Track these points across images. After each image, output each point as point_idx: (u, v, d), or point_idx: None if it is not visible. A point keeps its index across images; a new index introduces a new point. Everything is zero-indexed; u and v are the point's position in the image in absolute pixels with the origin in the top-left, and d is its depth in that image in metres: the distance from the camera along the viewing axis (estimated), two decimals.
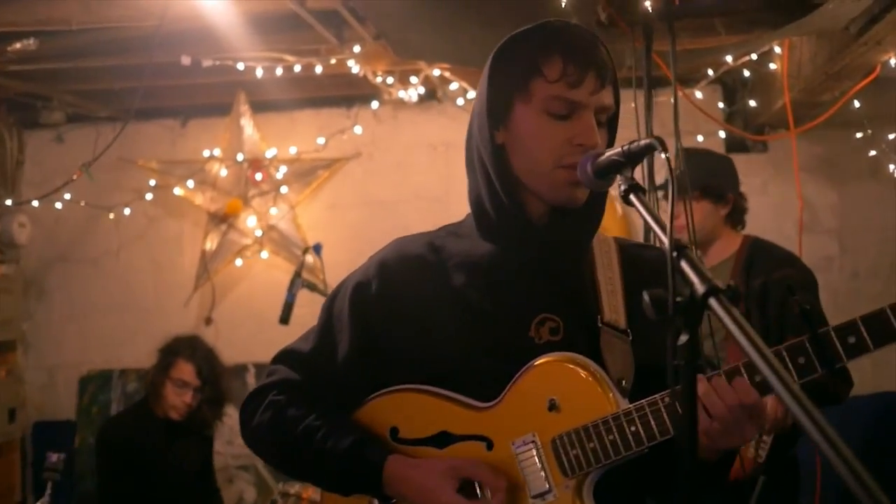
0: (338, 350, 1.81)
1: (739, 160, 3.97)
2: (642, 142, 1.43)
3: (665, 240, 1.29)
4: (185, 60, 4.25)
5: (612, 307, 1.72)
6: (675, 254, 1.28)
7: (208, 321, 5.75)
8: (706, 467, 1.59)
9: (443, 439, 1.72)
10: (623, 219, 4.96)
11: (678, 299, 1.27)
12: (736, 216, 3.58)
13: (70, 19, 3.83)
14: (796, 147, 3.97)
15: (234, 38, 4.06)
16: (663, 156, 1.39)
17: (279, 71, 4.60)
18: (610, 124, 1.71)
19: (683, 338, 1.26)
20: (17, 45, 3.94)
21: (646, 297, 1.26)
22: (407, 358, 1.76)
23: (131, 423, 4.42)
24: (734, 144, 5.38)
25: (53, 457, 3.49)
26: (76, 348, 5.92)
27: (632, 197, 1.43)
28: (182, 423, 4.29)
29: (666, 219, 1.26)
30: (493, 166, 1.69)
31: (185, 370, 4.25)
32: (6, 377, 5.59)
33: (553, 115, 1.64)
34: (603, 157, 1.51)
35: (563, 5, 3.17)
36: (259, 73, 4.59)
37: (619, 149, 1.47)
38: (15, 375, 5.73)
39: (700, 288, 1.23)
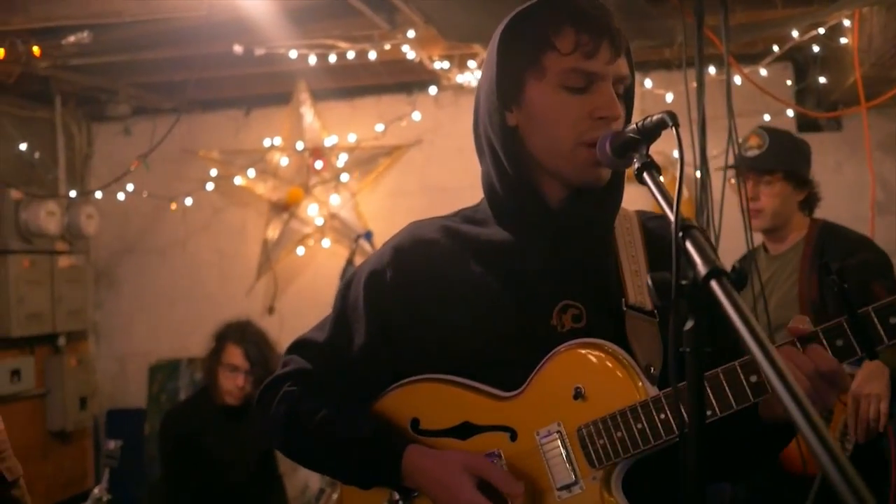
0: (353, 340, 1.76)
1: (812, 139, 3.76)
2: (655, 117, 1.38)
3: (671, 216, 1.22)
4: (238, 49, 4.27)
5: (637, 288, 1.64)
6: (680, 234, 1.21)
7: (271, 310, 5.80)
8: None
9: (465, 430, 1.66)
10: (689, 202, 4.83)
11: (683, 282, 1.20)
12: (811, 202, 3.44)
13: (123, 12, 3.88)
14: (870, 125, 3.80)
15: (285, 26, 4.05)
16: (674, 132, 1.34)
17: (332, 58, 4.58)
18: (626, 96, 1.63)
19: (690, 323, 1.20)
20: (72, 39, 4.01)
21: (648, 281, 1.21)
22: (426, 347, 1.70)
23: (192, 411, 4.47)
24: (806, 123, 5.19)
25: (111, 444, 3.53)
26: (145, 337, 6.04)
27: (645, 175, 1.38)
28: (241, 408, 4.31)
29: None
30: (504, 150, 1.62)
31: (235, 354, 4.27)
32: (77, 366, 5.73)
33: (570, 89, 1.56)
34: (620, 136, 1.46)
35: None
36: (312, 60, 4.58)
37: (634, 126, 1.42)
38: (86, 364, 5.86)
39: (702, 270, 1.16)
